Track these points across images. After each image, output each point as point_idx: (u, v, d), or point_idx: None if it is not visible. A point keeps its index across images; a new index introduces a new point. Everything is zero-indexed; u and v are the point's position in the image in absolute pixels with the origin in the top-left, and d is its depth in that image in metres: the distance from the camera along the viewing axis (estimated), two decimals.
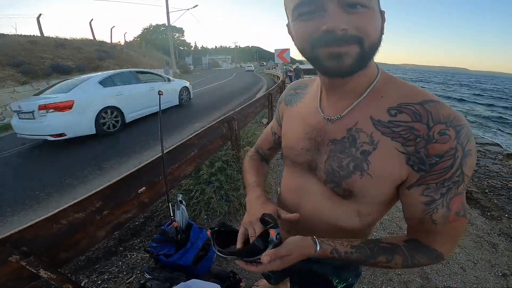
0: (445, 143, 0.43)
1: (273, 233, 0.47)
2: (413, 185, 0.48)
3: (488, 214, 2.65)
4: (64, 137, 4.23)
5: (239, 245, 0.55)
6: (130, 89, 5.51)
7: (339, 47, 0.42)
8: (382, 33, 0.46)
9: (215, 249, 0.57)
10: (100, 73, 5.60)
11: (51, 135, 4.11)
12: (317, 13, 0.42)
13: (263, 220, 0.51)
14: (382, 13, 0.46)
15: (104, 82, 5.01)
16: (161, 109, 1.81)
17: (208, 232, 0.59)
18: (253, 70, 36.49)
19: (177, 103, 7.31)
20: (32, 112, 4.08)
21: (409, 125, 0.46)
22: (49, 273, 1.04)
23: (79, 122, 4.40)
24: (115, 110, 5.02)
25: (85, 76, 5.37)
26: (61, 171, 3.62)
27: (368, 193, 0.52)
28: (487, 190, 3.23)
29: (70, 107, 4.23)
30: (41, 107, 4.04)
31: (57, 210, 1.15)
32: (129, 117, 5.40)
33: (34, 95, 5.03)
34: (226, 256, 0.54)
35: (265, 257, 0.45)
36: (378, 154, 0.49)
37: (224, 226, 0.63)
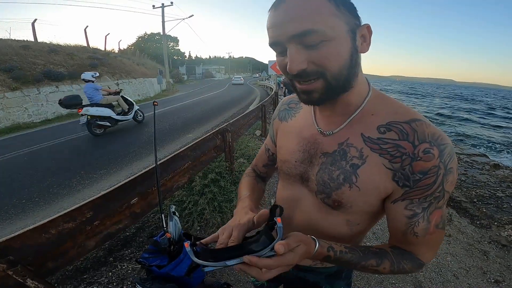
0: (429, 161, 0.45)
1: (279, 220, 0.42)
2: (397, 200, 0.50)
3: (478, 222, 2.70)
4: (241, 84, 30.49)
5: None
6: (242, 77, 39.46)
7: (306, 84, 0.47)
8: (353, 55, 0.46)
9: (196, 261, 0.44)
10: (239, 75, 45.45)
11: (241, 84, 30.86)
12: (284, 53, 0.46)
13: (272, 210, 0.46)
14: (360, 29, 0.46)
15: (240, 77, 35.54)
16: (240, 83, 31.38)
17: (187, 245, 0.45)
18: (258, 77, 48.49)
19: (243, 83, 31.03)
20: (240, 78, 32.63)
21: (396, 143, 0.48)
22: (36, 283, 1.00)
23: (242, 82, 32.27)
24: (243, 79, 36.53)
25: (239, 75, 47.29)
26: (51, 179, 3.52)
27: (355, 204, 0.54)
28: (475, 200, 3.29)
29: (241, 79, 33.29)
30: (241, 79, 33.12)
31: (46, 220, 1.12)
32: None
33: (233, 77, 35.31)
34: (218, 266, 0.44)
35: (279, 246, 0.41)
36: (366, 168, 0.51)
37: (194, 236, 0.57)
